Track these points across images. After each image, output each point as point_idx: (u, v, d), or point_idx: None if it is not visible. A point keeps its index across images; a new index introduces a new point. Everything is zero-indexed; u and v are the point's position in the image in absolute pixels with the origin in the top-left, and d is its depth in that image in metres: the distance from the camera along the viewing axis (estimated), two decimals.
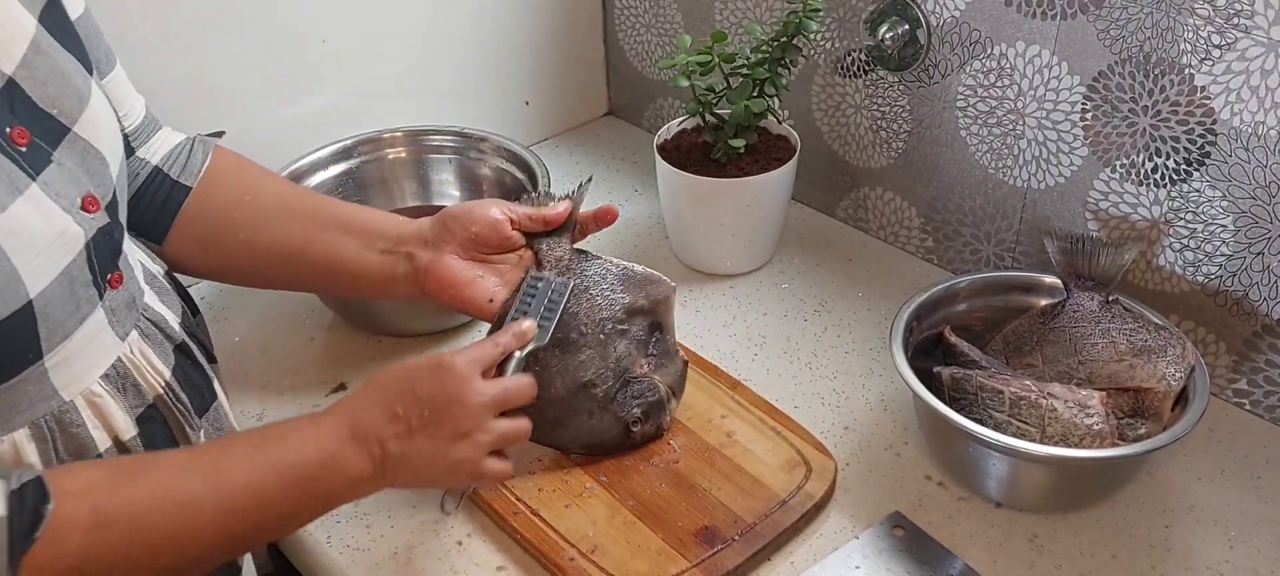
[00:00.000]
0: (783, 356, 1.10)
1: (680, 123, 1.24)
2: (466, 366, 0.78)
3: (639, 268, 0.96)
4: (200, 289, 1.21)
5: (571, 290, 0.91)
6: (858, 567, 0.87)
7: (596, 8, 1.50)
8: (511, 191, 1.23)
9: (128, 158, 0.85)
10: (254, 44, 1.18)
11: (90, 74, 0.76)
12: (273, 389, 1.07)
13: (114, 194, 0.75)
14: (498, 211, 0.92)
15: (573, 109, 1.56)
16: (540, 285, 0.89)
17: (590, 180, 0.99)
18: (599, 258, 0.95)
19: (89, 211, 0.71)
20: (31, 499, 0.63)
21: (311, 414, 0.77)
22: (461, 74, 1.39)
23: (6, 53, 0.69)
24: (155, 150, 0.90)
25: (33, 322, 0.66)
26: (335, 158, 1.23)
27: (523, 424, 0.81)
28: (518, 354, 0.84)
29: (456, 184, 1.28)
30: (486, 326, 0.91)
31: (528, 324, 0.85)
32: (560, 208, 0.93)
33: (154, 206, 0.89)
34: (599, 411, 0.92)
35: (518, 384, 0.82)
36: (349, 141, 1.24)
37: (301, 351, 1.13)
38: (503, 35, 1.41)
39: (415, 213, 1.20)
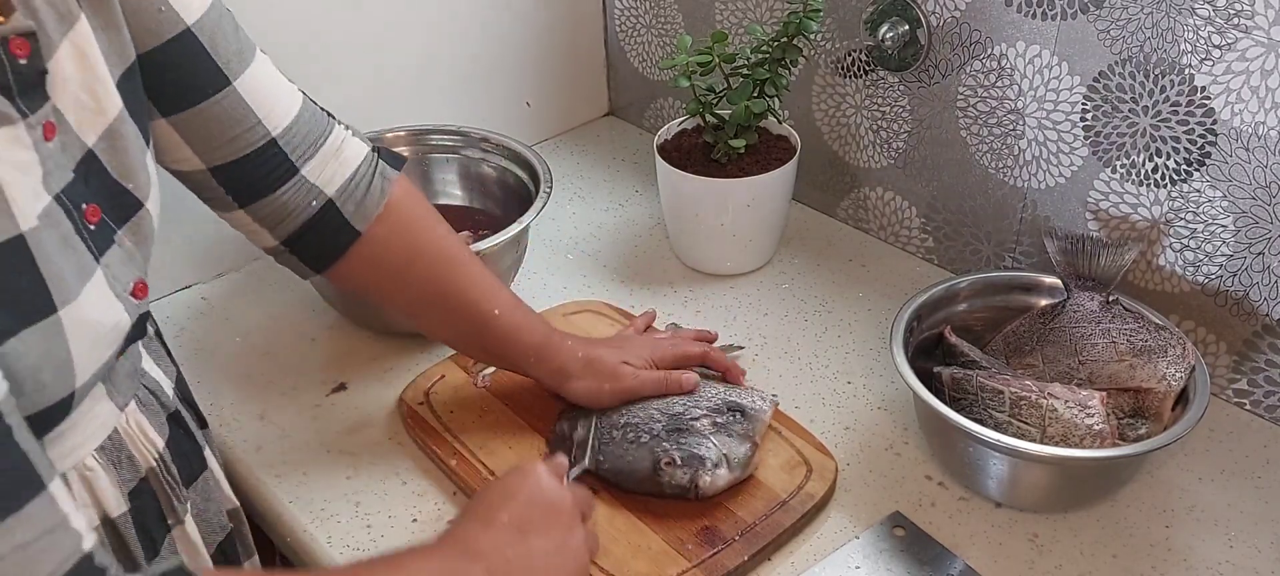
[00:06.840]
0: (783, 356, 1.10)
1: (680, 123, 1.24)
2: (550, 472, 0.78)
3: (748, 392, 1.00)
4: (201, 288, 1.21)
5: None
6: (858, 567, 0.87)
7: (596, 8, 1.50)
8: (514, 190, 1.23)
9: (291, 178, 0.81)
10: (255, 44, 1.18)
11: (146, 144, 0.71)
12: (274, 388, 1.07)
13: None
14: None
15: (573, 109, 1.56)
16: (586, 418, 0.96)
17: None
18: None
19: (138, 299, 0.67)
20: None
21: (420, 544, 0.74)
22: (462, 74, 1.39)
23: (90, 123, 0.64)
24: (333, 176, 0.84)
25: (67, 412, 0.62)
26: None
27: (592, 532, 0.81)
28: (571, 472, 0.88)
29: (459, 183, 1.28)
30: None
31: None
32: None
33: (318, 241, 0.84)
34: (636, 445, 0.91)
35: (585, 492, 0.81)
36: None
37: (303, 351, 1.13)
38: (503, 35, 1.41)
39: None
